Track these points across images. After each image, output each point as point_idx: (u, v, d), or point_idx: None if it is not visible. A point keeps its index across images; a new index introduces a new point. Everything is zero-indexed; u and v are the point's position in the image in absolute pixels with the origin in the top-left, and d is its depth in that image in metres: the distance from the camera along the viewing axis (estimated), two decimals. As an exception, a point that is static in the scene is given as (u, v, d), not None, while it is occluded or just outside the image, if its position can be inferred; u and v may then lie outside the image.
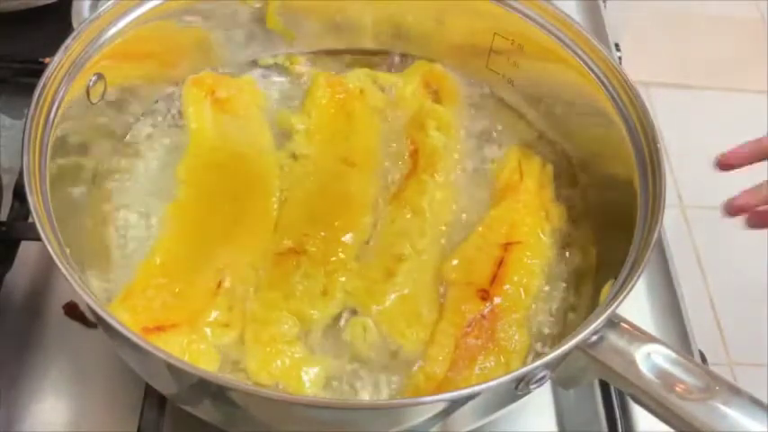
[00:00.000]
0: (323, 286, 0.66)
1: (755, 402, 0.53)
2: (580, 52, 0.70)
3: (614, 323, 0.56)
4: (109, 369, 0.69)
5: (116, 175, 0.72)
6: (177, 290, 0.64)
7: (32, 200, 0.56)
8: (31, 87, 0.61)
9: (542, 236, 0.71)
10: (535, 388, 0.56)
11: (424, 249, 0.69)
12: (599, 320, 0.54)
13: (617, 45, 1.02)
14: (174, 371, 0.53)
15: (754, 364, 1.80)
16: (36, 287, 0.74)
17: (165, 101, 0.77)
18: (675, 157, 1.86)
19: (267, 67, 0.82)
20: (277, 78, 0.81)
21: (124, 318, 0.61)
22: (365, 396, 0.62)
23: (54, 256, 0.53)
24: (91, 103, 0.68)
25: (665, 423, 0.54)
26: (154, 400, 0.65)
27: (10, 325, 0.72)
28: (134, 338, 0.51)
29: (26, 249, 0.73)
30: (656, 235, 0.59)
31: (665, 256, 0.82)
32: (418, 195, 0.72)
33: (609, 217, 0.70)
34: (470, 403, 0.54)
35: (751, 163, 0.71)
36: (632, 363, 0.54)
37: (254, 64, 0.82)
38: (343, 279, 0.67)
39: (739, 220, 0.72)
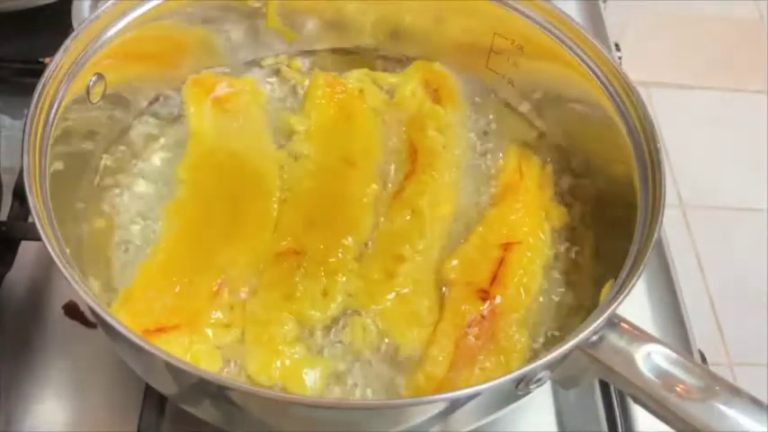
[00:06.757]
0: (323, 287, 0.66)
1: (755, 402, 0.53)
2: (580, 52, 0.70)
3: (614, 323, 0.56)
4: (109, 369, 0.69)
5: (116, 175, 0.72)
6: (178, 290, 0.64)
7: (32, 200, 0.56)
8: (31, 87, 0.61)
9: (542, 236, 0.71)
10: (535, 388, 0.56)
11: (424, 250, 0.69)
12: (599, 320, 0.54)
13: (617, 45, 1.02)
14: (174, 371, 0.53)
15: (754, 364, 1.80)
16: (36, 287, 0.74)
17: (166, 101, 0.77)
18: (675, 157, 1.87)
19: (267, 67, 0.82)
20: (277, 78, 0.81)
21: (125, 319, 0.61)
22: (365, 396, 0.62)
23: (54, 256, 0.53)
24: (91, 103, 0.68)
25: (665, 423, 0.54)
26: (154, 400, 0.65)
27: (10, 325, 0.72)
28: (134, 339, 0.51)
29: (26, 249, 0.73)
30: (656, 235, 0.59)
31: (665, 256, 0.82)
32: (418, 196, 0.72)
33: (609, 217, 0.70)
34: (470, 403, 0.54)
35: None
36: (632, 363, 0.54)
37: (254, 64, 0.82)
38: (343, 279, 0.67)
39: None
